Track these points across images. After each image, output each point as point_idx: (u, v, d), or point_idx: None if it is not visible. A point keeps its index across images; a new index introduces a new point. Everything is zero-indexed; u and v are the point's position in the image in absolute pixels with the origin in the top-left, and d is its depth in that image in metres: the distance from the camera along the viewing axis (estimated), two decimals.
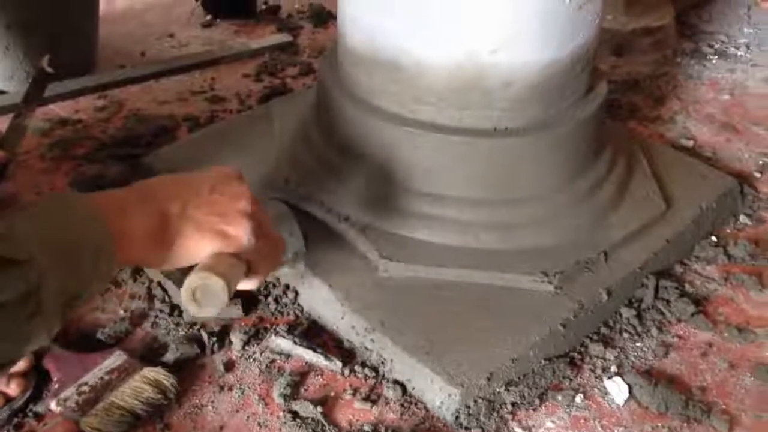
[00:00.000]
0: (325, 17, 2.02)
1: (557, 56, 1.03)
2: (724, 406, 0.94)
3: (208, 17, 1.99)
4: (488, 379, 0.91)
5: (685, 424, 0.91)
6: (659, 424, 0.91)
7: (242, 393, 0.93)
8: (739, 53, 1.90)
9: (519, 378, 0.94)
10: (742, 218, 1.28)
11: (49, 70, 1.18)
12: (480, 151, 1.06)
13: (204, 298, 0.71)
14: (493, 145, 1.05)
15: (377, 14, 1.04)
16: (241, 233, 0.75)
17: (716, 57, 1.87)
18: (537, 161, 1.08)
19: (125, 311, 1.04)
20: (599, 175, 1.16)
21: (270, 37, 1.88)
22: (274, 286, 1.07)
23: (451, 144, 1.05)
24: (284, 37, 1.87)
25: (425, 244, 1.06)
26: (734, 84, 1.75)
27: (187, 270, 0.73)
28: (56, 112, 1.50)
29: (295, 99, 1.43)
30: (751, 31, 2.01)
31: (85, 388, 0.89)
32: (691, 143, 1.50)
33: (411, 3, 1.00)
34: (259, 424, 0.89)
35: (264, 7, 2.06)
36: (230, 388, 0.94)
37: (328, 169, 1.13)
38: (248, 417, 0.90)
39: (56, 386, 0.90)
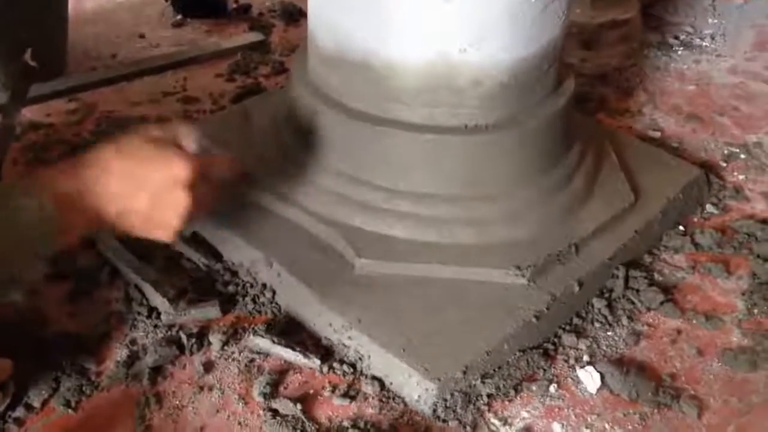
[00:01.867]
0: (296, 14, 2.02)
1: (525, 55, 1.05)
2: (693, 392, 0.98)
3: (179, 17, 1.98)
4: (464, 372, 0.93)
5: (655, 410, 0.94)
6: (631, 411, 0.94)
7: (222, 393, 0.94)
8: (704, 44, 1.94)
9: (494, 370, 0.96)
10: (709, 207, 1.31)
11: (32, 63, 1.17)
12: (451, 149, 1.07)
13: None
14: (464, 142, 1.07)
15: (347, 16, 1.05)
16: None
17: (682, 48, 1.91)
18: (507, 157, 1.10)
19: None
20: (569, 169, 1.18)
21: (242, 36, 1.88)
22: (252, 285, 1.08)
23: (422, 142, 1.06)
24: (256, 36, 1.87)
25: (400, 240, 1.07)
26: (699, 74, 1.79)
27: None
28: (27, 117, 1.49)
29: (270, 98, 1.44)
30: (716, 21, 2.04)
31: None
32: (658, 134, 1.54)
33: (381, 5, 1.01)
34: (239, 423, 0.91)
35: (235, 6, 2.06)
36: (210, 389, 0.95)
37: (300, 169, 1.14)
38: (228, 416, 0.92)
39: None
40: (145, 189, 0.83)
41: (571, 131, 1.21)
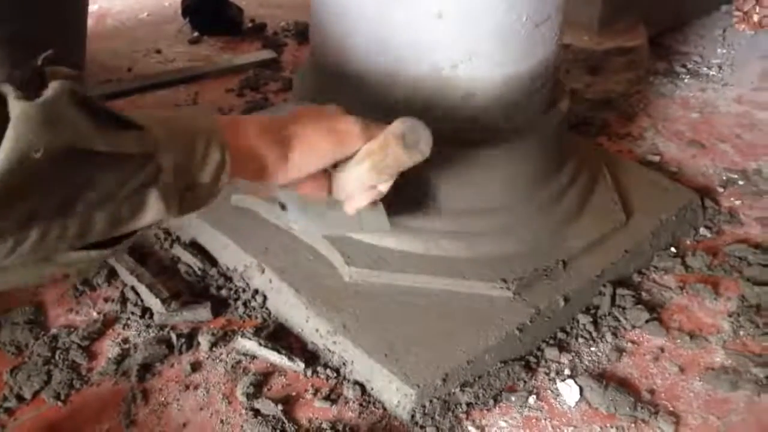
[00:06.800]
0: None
1: (515, 72, 1.07)
2: (671, 408, 0.98)
3: (195, 34, 2.04)
4: (444, 380, 0.95)
5: (632, 425, 0.95)
6: (608, 424, 0.95)
7: (207, 392, 0.97)
8: (711, 73, 1.95)
9: (474, 379, 0.98)
10: (702, 230, 1.32)
11: None
12: (442, 162, 1.10)
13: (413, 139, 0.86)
14: (454, 156, 1.10)
15: (346, 31, 1.09)
16: (351, 125, 0.86)
17: (688, 76, 1.92)
18: (497, 172, 1.12)
19: (99, 314, 1.08)
20: (560, 187, 1.20)
21: (254, 53, 1.93)
22: (244, 290, 1.11)
23: None
24: (268, 54, 1.92)
25: (388, 251, 1.10)
26: (704, 103, 1.80)
27: None
28: None
29: (273, 112, 1.47)
30: (725, 51, 2.06)
31: None
32: (657, 159, 1.55)
33: (377, 22, 1.04)
34: (221, 421, 0.93)
35: (250, 24, 2.11)
36: (196, 387, 0.97)
37: None
38: (211, 414, 0.94)
39: None
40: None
41: (564, 151, 1.23)
